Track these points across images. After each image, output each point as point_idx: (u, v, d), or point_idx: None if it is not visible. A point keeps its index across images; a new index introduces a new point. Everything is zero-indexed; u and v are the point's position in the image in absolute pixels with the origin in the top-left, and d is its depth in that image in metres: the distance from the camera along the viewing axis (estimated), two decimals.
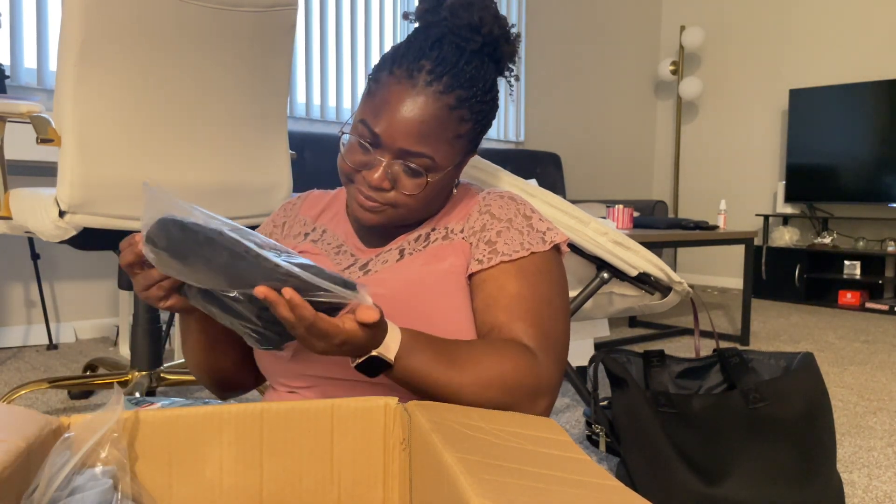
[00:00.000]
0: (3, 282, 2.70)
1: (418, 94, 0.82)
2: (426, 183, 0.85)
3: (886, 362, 2.63)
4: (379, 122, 0.82)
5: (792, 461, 1.15)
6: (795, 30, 4.76)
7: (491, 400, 0.78)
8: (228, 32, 1.51)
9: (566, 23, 4.77)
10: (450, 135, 0.84)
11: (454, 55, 0.84)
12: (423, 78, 0.82)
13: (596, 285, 1.80)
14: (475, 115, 0.86)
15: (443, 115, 0.82)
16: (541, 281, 0.87)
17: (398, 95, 0.82)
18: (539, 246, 0.89)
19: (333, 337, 0.67)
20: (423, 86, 0.82)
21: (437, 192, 0.89)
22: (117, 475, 0.62)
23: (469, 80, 0.84)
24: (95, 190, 1.41)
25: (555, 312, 0.87)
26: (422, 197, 0.86)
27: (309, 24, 3.47)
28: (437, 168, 0.85)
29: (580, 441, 1.66)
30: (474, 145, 0.91)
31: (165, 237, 0.69)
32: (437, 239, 0.91)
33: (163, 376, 1.74)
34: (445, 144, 0.84)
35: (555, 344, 0.85)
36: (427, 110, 0.82)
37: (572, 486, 0.56)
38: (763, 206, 4.97)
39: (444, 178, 0.88)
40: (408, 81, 0.82)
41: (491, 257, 0.87)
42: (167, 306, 0.79)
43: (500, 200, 0.93)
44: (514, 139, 4.48)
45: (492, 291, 0.86)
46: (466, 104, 0.84)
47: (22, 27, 2.66)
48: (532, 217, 0.92)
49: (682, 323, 3.46)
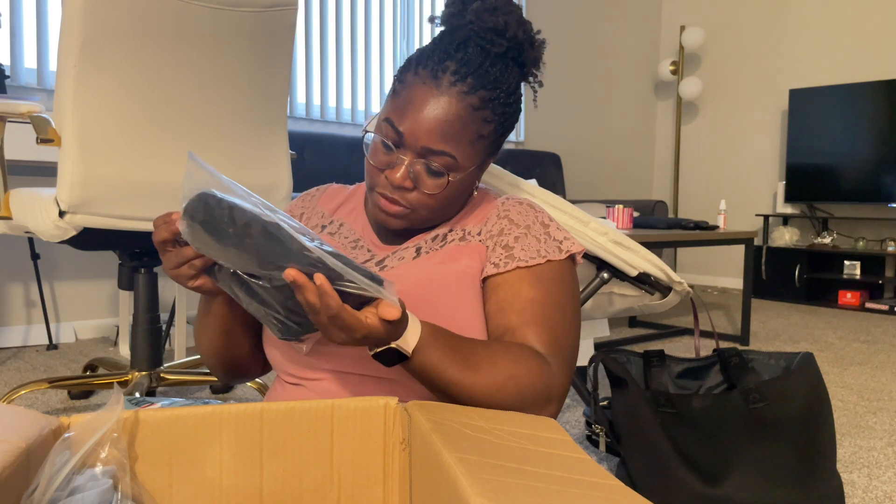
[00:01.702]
0: (3, 282, 2.70)
1: (442, 94, 0.83)
2: (447, 182, 0.86)
3: (886, 362, 2.63)
4: (403, 121, 0.83)
5: (792, 461, 1.15)
6: (795, 30, 4.76)
7: (502, 402, 0.78)
8: (228, 32, 1.51)
9: (566, 23, 4.77)
10: (472, 135, 0.85)
11: (479, 57, 0.85)
12: (448, 79, 0.83)
13: (596, 285, 1.80)
14: (498, 116, 0.87)
15: (466, 114, 0.83)
16: (556, 289, 0.88)
17: (422, 95, 0.83)
18: (555, 254, 0.90)
19: (355, 331, 0.68)
20: (448, 86, 0.83)
21: (459, 193, 0.89)
22: (117, 475, 0.62)
23: (493, 81, 0.85)
24: (95, 190, 1.41)
25: (567, 320, 0.88)
26: (443, 197, 0.87)
27: (309, 24, 3.47)
28: (458, 168, 0.86)
29: (580, 441, 1.66)
30: (496, 147, 0.91)
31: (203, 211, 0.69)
32: (454, 240, 0.92)
33: (163, 376, 1.74)
34: (468, 145, 0.85)
35: (566, 351, 0.86)
36: (451, 110, 0.83)
37: (573, 485, 0.56)
38: (763, 206, 4.97)
39: (466, 178, 0.88)
40: (432, 82, 0.83)
41: (508, 262, 0.88)
42: (195, 286, 0.79)
43: (519, 207, 0.94)
44: (514, 139, 4.48)
45: (506, 296, 0.87)
46: (490, 105, 0.85)
47: (22, 27, 2.66)
48: (550, 226, 0.93)
49: (682, 323, 3.46)
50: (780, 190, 4.67)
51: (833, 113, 4.32)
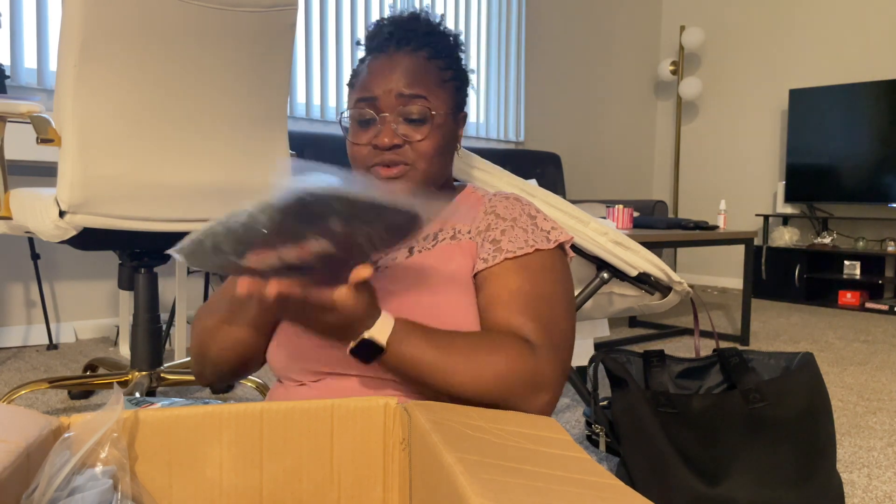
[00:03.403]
0: (3, 282, 2.70)
1: (396, 56, 0.91)
2: (431, 127, 0.90)
3: (886, 362, 2.63)
4: (373, 88, 0.90)
5: (792, 461, 1.15)
6: (795, 30, 4.76)
7: (486, 392, 0.77)
8: (228, 32, 1.51)
9: (566, 23, 4.77)
10: (437, 79, 0.92)
11: (418, 25, 0.95)
12: (394, 47, 0.92)
13: (596, 285, 1.80)
14: (451, 64, 0.94)
15: (423, 63, 0.92)
16: (543, 278, 0.88)
17: (380, 64, 0.91)
18: (543, 244, 0.90)
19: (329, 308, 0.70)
20: (396, 51, 0.92)
21: (445, 142, 0.93)
22: (117, 475, 0.62)
23: (433, 42, 0.93)
24: (95, 190, 1.41)
25: (557, 308, 0.87)
26: (433, 143, 0.90)
27: (309, 24, 3.47)
28: (435, 110, 0.91)
29: (580, 441, 1.66)
30: (462, 98, 0.97)
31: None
32: (445, 238, 0.93)
33: (163, 376, 1.74)
34: (436, 87, 0.92)
35: (556, 338, 0.85)
36: (409, 63, 0.91)
37: (573, 485, 0.56)
38: (763, 206, 4.97)
39: (445, 124, 0.93)
40: (383, 54, 0.92)
41: (496, 255, 0.89)
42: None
43: (506, 201, 0.96)
44: (514, 139, 4.48)
45: (494, 290, 0.87)
46: (440, 56, 0.93)
47: (22, 27, 2.66)
48: (537, 217, 0.94)
49: (682, 323, 3.46)
50: (780, 190, 4.67)
51: (833, 113, 4.32)
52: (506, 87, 4.40)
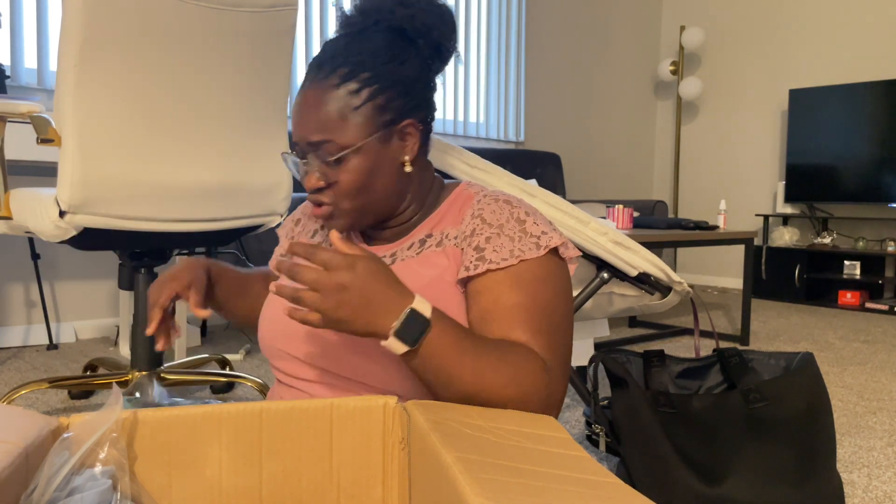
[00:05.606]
0: (4, 282, 2.70)
1: (307, 94, 0.87)
2: (345, 166, 0.86)
3: (886, 362, 2.63)
4: (294, 133, 0.90)
5: (792, 461, 1.15)
6: (795, 30, 4.76)
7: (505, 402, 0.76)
8: (228, 33, 1.51)
9: (566, 23, 4.77)
10: (341, 112, 0.86)
11: (338, 44, 0.89)
12: (310, 78, 0.88)
13: (596, 285, 1.80)
14: (365, 81, 0.86)
15: (328, 96, 0.86)
16: (540, 289, 0.84)
17: (296, 107, 0.89)
18: (531, 252, 0.85)
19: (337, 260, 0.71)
20: (310, 83, 0.88)
21: (372, 172, 0.87)
22: (116, 475, 0.62)
23: (354, 56, 0.87)
24: (95, 190, 1.41)
25: (557, 321, 0.84)
26: (352, 181, 0.86)
27: (309, 24, 3.47)
28: (346, 147, 0.85)
29: (580, 441, 1.66)
30: (392, 111, 0.88)
31: None
32: (432, 245, 0.91)
33: (163, 376, 1.74)
34: (340, 122, 0.85)
35: (560, 355, 0.83)
36: (315, 100, 0.86)
37: (572, 483, 0.56)
38: (763, 206, 4.97)
39: (369, 154, 0.87)
40: (302, 90, 0.89)
41: (478, 264, 0.85)
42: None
43: (494, 204, 0.89)
44: (514, 139, 4.48)
45: (487, 304, 0.84)
46: (353, 77, 0.86)
47: (22, 27, 2.66)
48: (526, 221, 0.88)
49: (682, 323, 3.46)
50: (780, 190, 4.67)
51: (833, 113, 4.32)
52: (506, 87, 4.40)
